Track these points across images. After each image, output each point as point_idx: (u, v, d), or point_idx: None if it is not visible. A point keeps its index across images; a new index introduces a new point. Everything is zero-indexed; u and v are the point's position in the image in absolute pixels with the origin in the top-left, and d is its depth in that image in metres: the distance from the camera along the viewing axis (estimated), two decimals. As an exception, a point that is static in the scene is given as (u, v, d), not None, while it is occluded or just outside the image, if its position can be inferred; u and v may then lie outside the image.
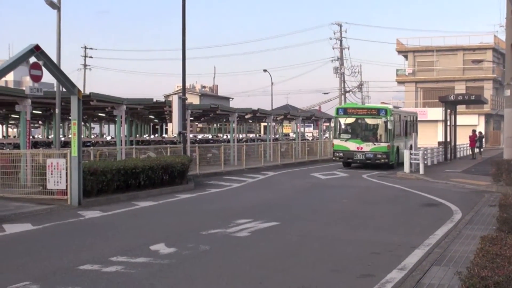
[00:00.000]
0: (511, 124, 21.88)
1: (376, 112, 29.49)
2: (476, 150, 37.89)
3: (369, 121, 29.81)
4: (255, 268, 8.38)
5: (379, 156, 28.82)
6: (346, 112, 30.18)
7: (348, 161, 29.87)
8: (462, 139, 41.74)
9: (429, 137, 57.56)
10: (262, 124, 64.69)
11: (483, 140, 39.44)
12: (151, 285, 7.37)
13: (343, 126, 30.03)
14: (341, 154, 29.55)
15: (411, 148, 31.83)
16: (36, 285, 7.30)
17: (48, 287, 7.19)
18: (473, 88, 61.28)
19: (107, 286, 7.30)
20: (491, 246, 5.73)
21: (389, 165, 29.56)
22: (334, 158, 30.29)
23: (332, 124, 30.55)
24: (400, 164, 29.84)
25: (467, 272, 4.98)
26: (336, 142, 29.99)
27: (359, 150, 29.11)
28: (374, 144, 28.98)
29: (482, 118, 63.18)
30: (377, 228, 11.88)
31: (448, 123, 35.80)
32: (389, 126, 28.84)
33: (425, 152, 28.94)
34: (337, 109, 31.11)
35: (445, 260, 8.41)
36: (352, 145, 29.30)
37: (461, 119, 44.39)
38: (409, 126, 34.82)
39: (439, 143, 46.47)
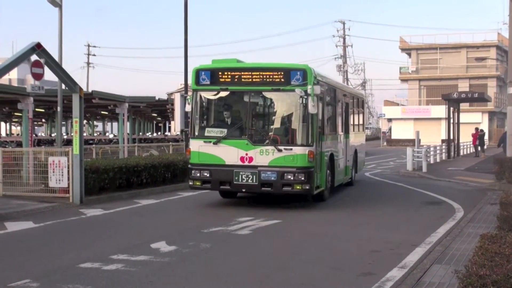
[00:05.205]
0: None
1: (283, 76, 13.37)
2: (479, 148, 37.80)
3: (269, 96, 13.77)
4: (255, 266, 8.38)
5: (289, 176, 13.14)
6: (216, 78, 13.80)
7: (223, 188, 13.99)
8: (466, 137, 41.70)
9: (433, 135, 57.51)
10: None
11: (484, 137, 39.28)
12: (150, 283, 7.38)
13: (211, 111, 14.60)
14: (207, 174, 13.74)
15: (356, 156, 19.58)
16: (37, 283, 7.31)
17: (48, 285, 7.20)
18: (476, 86, 61.15)
19: (107, 284, 7.31)
20: (490, 244, 5.71)
21: (314, 197, 14.38)
22: (191, 183, 14.09)
23: (188, 108, 14.28)
24: (338, 191, 16.88)
25: (465, 270, 4.97)
26: (195, 146, 13.90)
27: (246, 163, 13.40)
28: (279, 151, 13.22)
29: (486, 116, 63.09)
30: (378, 226, 11.86)
31: (452, 121, 35.75)
32: (312, 109, 13.01)
33: (428, 150, 28.78)
34: (196, 72, 13.84)
35: (446, 259, 8.40)
36: (229, 153, 13.52)
37: (464, 117, 44.30)
38: (352, 115, 19.47)
39: (443, 140, 46.45)
